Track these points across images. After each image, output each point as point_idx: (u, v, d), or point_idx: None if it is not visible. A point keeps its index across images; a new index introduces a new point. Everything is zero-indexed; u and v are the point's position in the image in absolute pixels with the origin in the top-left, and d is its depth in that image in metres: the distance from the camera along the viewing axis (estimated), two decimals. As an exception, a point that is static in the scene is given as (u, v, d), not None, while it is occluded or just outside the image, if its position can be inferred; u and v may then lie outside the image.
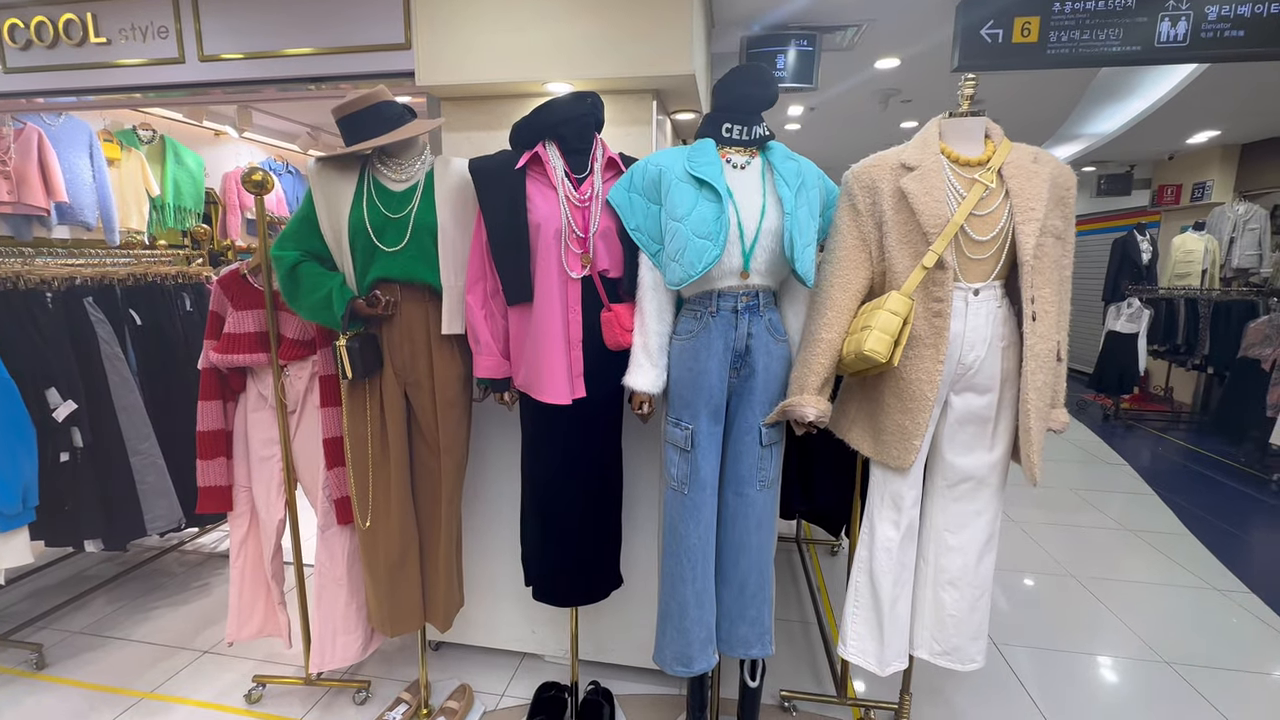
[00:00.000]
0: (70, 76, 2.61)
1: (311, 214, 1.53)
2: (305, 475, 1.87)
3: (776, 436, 1.51)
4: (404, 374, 1.60)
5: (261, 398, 1.85)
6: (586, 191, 1.46)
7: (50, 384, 2.13)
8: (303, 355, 1.78)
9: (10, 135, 3.47)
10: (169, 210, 4.38)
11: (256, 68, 2.47)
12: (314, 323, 1.61)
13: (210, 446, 1.82)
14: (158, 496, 2.44)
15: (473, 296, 1.52)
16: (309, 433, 1.83)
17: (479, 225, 1.52)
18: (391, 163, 1.54)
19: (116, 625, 2.41)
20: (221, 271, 1.83)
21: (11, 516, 2.04)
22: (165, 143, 4.37)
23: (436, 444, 1.66)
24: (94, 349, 2.28)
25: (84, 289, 2.28)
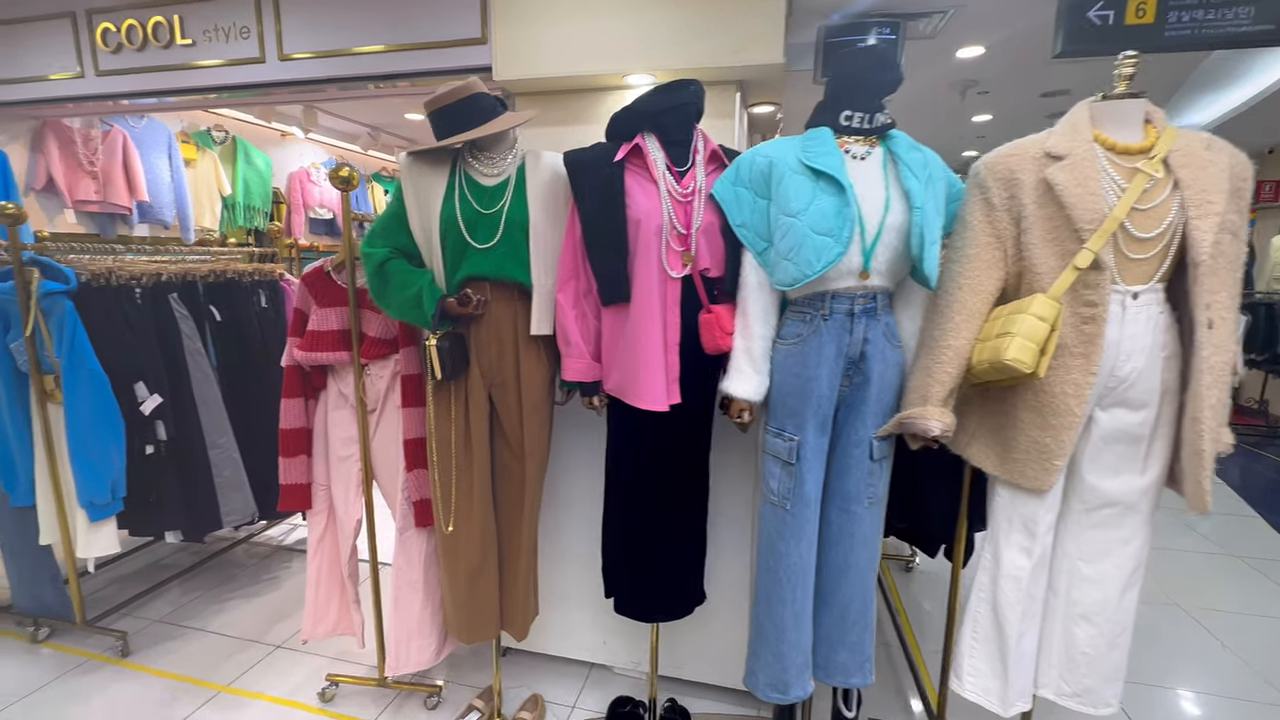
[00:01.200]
0: (156, 78, 2.68)
1: (401, 210, 1.49)
2: (383, 476, 1.85)
3: (887, 450, 1.39)
4: (490, 375, 1.55)
5: (342, 396, 1.84)
6: (689, 185, 1.37)
7: (138, 378, 2.18)
8: (384, 354, 1.75)
9: (98, 137, 3.61)
10: (239, 209, 4.51)
11: (332, 66, 2.48)
12: (402, 321, 1.58)
13: (292, 444, 1.82)
14: (233, 490, 2.48)
15: (564, 296, 1.46)
16: (388, 433, 1.80)
17: (572, 221, 1.45)
18: (483, 157, 1.49)
19: (193, 615, 2.46)
20: (306, 268, 1.82)
21: (101, 506, 2.09)
22: (236, 143, 4.50)
23: (520, 448, 1.60)
24: (178, 344, 2.33)
25: (169, 285, 2.33)
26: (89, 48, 2.74)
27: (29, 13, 2.81)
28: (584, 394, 1.52)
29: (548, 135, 2.18)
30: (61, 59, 2.80)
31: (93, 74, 2.76)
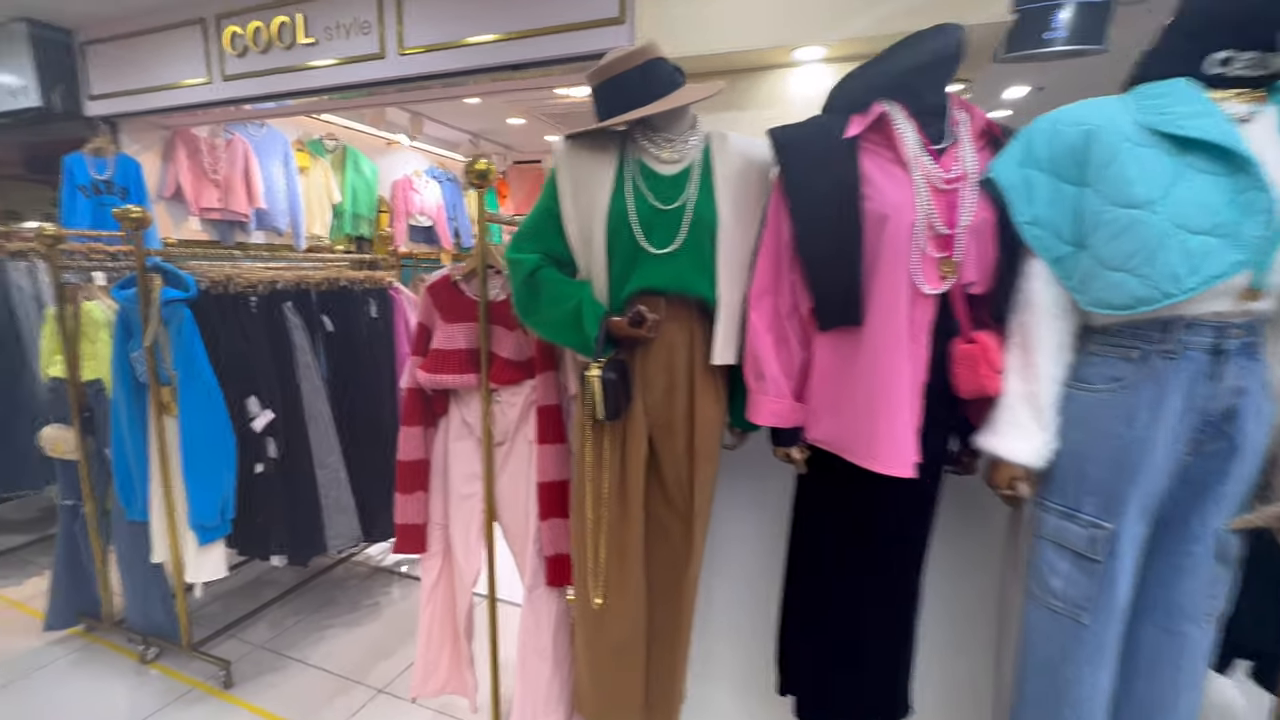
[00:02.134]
0: (278, 80, 2.62)
1: (555, 206, 1.22)
2: (509, 521, 1.58)
3: (1243, 548, 0.96)
4: (655, 414, 1.24)
5: (466, 426, 1.59)
6: (953, 169, 1.01)
7: (251, 392, 2.04)
8: (517, 379, 1.48)
9: (222, 146, 3.68)
10: (347, 216, 4.54)
11: (452, 58, 2.29)
12: (549, 342, 1.30)
13: (411, 479, 1.58)
14: (339, 513, 2.32)
15: (758, 315, 1.13)
16: (518, 471, 1.53)
17: (776, 219, 1.12)
18: (659, 139, 1.19)
19: (295, 644, 2.31)
20: (430, 278, 1.59)
21: (210, 529, 1.96)
22: (346, 152, 4.53)
23: (684, 504, 1.28)
24: (290, 356, 2.19)
25: (284, 293, 2.20)
26: (216, 53, 2.72)
27: (162, 22, 2.85)
28: (777, 443, 1.17)
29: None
30: (191, 66, 2.81)
31: (220, 79, 2.74)
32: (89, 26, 3.02)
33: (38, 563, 2.88)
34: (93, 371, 2.10)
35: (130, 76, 2.99)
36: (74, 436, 2.11)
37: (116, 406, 2.01)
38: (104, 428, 2.11)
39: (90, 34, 3.06)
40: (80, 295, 2.08)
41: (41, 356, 2.18)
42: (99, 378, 2.09)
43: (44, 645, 2.26)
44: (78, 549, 2.27)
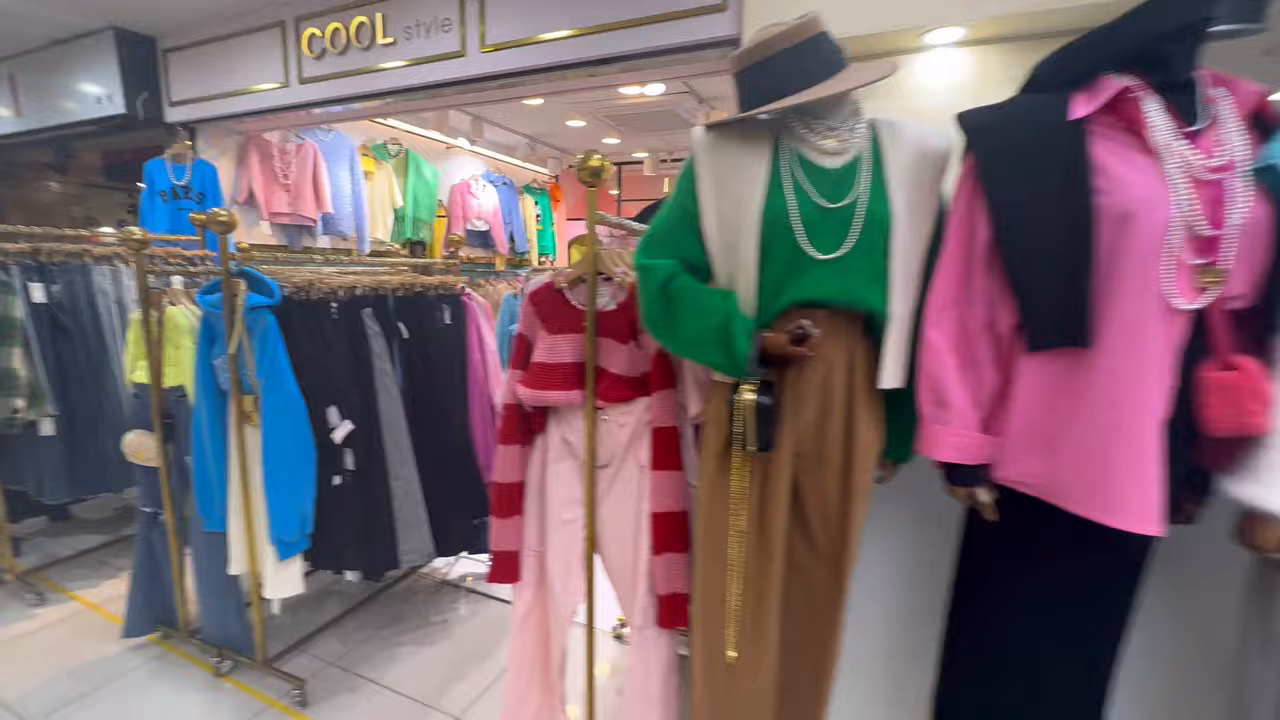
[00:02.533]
0: (355, 82, 2.58)
1: (692, 206, 1.08)
2: (612, 552, 1.44)
3: None
4: (803, 441, 1.08)
5: (566, 445, 1.46)
6: (1218, 155, 0.82)
7: (331, 401, 1.97)
8: (628, 397, 1.35)
9: (292, 150, 3.69)
10: (408, 221, 4.53)
11: (538, 54, 2.19)
12: (694, 361, 1.15)
13: (508, 502, 1.46)
14: (413, 527, 2.24)
15: (939, 332, 0.96)
16: (624, 498, 1.40)
17: (964, 218, 0.95)
18: (820, 126, 1.03)
19: (367, 661, 2.23)
20: (532, 283, 1.47)
21: (289, 544, 1.89)
22: (408, 156, 4.52)
23: (828, 544, 1.12)
24: (368, 364, 2.12)
25: (362, 300, 2.13)
26: (294, 55, 2.70)
27: (242, 27, 2.85)
28: (955, 481, 1.00)
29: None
30: (268, 70, 2.81)
31: (296, 82, 2.72)
32: (171, 34, 3.06)
33: (113, 564, 2.90)
34: (175, 378, 2.06)
35: (209, 82, 3.01)
36: (155, 443, 2.08)
37: (198, 414, 1.96)
38: (185, 435, 2.07)
39: (172, 41, 3.10)
40: (164, 300, 2.05)
41: (125, 362, 2.16)
42: (181, 384, 2.06)
43: (121, 652, 2.24)
44: (156, 556, 2.24)
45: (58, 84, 3.38)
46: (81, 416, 2.60)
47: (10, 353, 2.35)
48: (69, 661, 2.17)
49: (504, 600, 2.64)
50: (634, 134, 5.02)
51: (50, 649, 2.25)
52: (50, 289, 2.52)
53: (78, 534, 3.21)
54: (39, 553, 2.99)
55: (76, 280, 2.61)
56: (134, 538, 3.13)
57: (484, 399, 2.61)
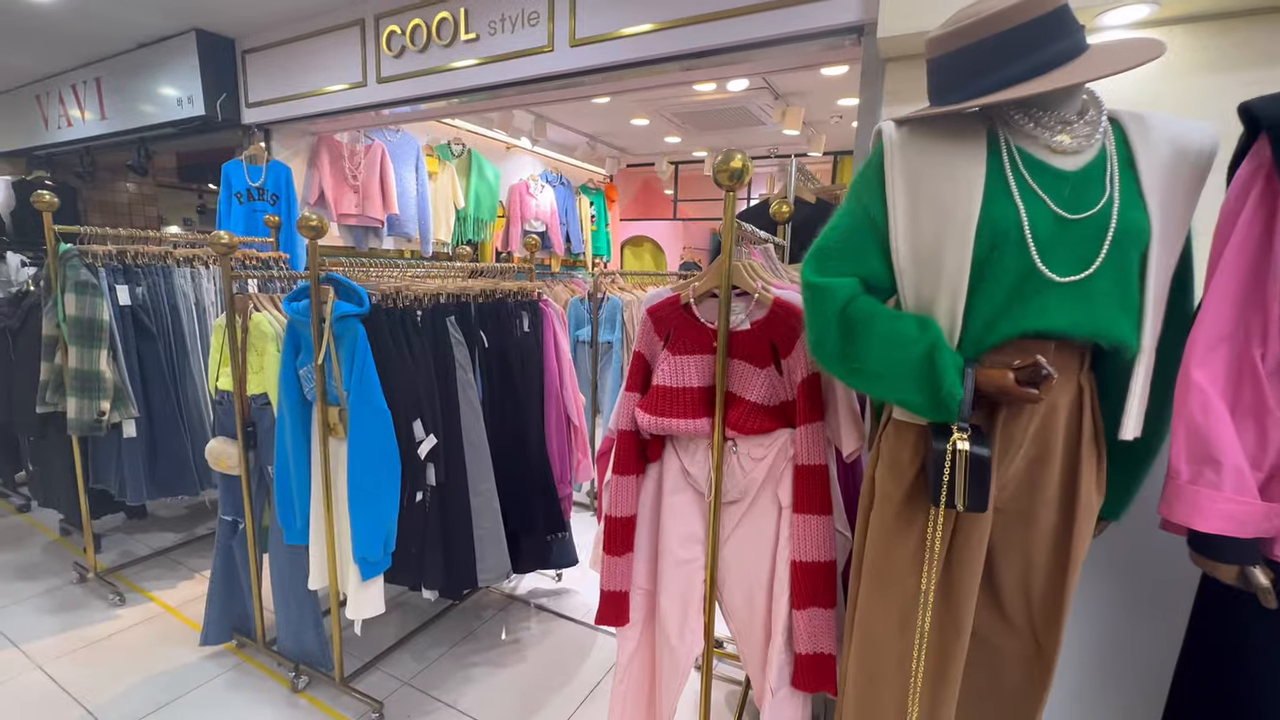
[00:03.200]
0: (434, 81, 2.50)
1: (879, 214, 0.91)
2: (738, 600, 1.29)
3: None
4: (1009, 495, 0.91)
5: (687, 476, 1.32)
6: None
7: (417, 414, 1.88)
8: (766, 428, 1.20)
9: (361, 151, 3.67)
10: (469, 221, 4.48)
11: (632, 47, 2.06)
12: (881, 399, 0.99)
13: (622, 538, 1.33)
14: (492, 545, 2.14)
15: (1207, 372, 0.78)
16: (756, 540, 1.25)
17: (1247, 231, 0.77)
18: (1049, 119, 0.86)
19: (441, 683, 2.15)
20: (650, 296, 1.33)
21: (373, 563, 1.81)
22: (471, 156, 4.47)
23: (1029, 617, 0.95)
24: (451, 374, 2.03)
25: (447, 307, 2.04)
26: (373, 54, 2.64)
27: (321, 26, 2.81)
28: (1219, 556, 0.81)
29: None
30: (346, 70, 2.76)
31: (374, 81, 2.66)
32: (251, 34, 3.06)
33: (187, 565, 2.91)
34: (259, 386, 2.01)
35: (286, 83, 2.99)
36: (237, 452, 2.03)
37: (281, 424, 1.90)
38: (267, 444, 2.02)
39: (251, 42, 3.09)
40: (249, 306, 2.00)
41: (210, 368, 2.12)
42: (265, 392, 2.01)
43: (199, 660, 2.22)
44: (234, 565, 2.20)
45: (141, 87, 3.43)
46: (162, 419, 2.60)
47: (98, 355, 2.35)
48: (149, 668, 2.16)
49: (575, 620, 2.53)
50: (698, 132, 4.86)
51: (131, 653, 2.24)
52: (135, 291, 2.53)
53: (153, 531, 3.25)
54: (117, 550, 3.03)
55: (159, 282, 2.61)
56: (207, 538, 3.16)
57: (559, 410, 2.50)
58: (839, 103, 3.88)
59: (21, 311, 2.76)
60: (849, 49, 1.79)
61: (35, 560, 2.91)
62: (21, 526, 3.27)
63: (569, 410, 2.54)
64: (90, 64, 3.64)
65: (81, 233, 2.47)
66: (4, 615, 2.45)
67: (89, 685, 2.06)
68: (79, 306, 2.31)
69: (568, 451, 2.57)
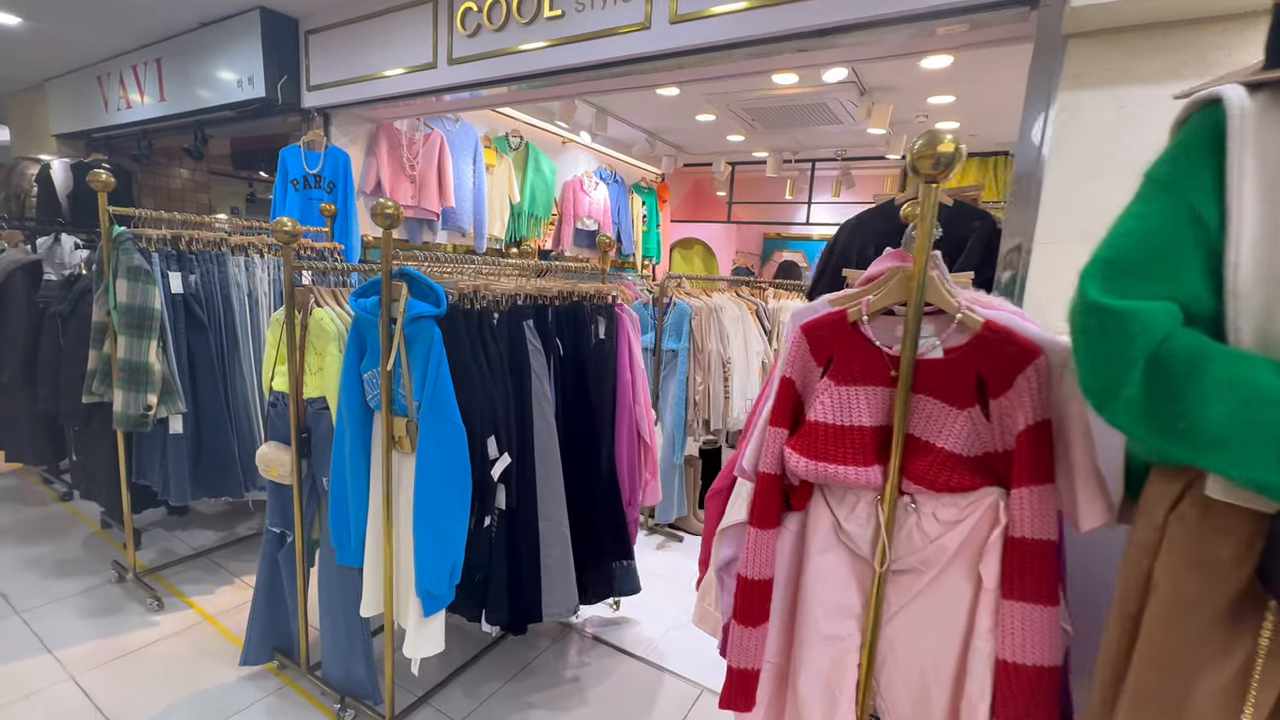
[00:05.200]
0: (511, 62, 2.31)
1: (1209, 211, 0.66)
2: (905, 699, 1.04)
3: None
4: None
5: (842, 534, 1.07)
6: None
7: (492, 431, 1.67)
8: (966, 485, 0.94)
9: (420, 141, 3.51)
10: (524, 217, 4.30)
11: (742, 24, 1.82)
12: (1214, 472, 0.72)
13: (759, 605, 1.09)
14: (560, 576, 1.92)
15: None
16: (936, 622, 0.99)
17: None
18: None
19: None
20: (804, 311, 1.08)
21: (437, 598, 1.60)
22: (529, 150, 4.29)
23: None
24: (525, 386, 1.82)
25: (525, 310, 1.83)
26: (446, 33, 2.46)
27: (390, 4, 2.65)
28: None
29: (1122, 101, 1.26)
30: (415, 50, 2.59)
31: (445, 63, 2.48)
32: (315, 14, 2.92)
33: (227, 568, 2.77)
34: (316, 388, 1.83)
35: (350, 65, 2.84)
36: (290, 459, 1.85)
37: (340, 432, 1.71)
38: (322, 453, 1.84)
39: (315, 21, 2.95)
40: (310, 301, 1.82)
41: (264, 366, 1.95)
42: (323, 396, 1.82)
43: (238, 680, 2.05)
44: (279, 580, 2.03)
45: (201, 68, 3.33)
46: (209, 415, 2.45)
47: (148, 346, 2.21)
48: (185, 686, 1.99)
49: (639, 658, 2.30)
50: (764, 131, 4.60)
51: (168, 667, 2.08)
52: (188, 279, 2.39)
53: (194, 529, 3.13)
54: (157, 547, 2.91)
55: (212, 270, 2.47)
56: (249, 540, 3.02)
57: (631, 425, 2.27)
58: (929, 100, 3.58)
59: (72, 296, 2.66)
60: (1012, 25, 1.52)
61: (75, 555, 2.80)
62: (63, 516, 3.19)
63: (640, 426, 2.32)
64: (152, 44, 3.56)
65: (136, 215, 2.34)
66: (41, 616, 2.33)
67: (122, 702, 1.91)
68: (131, 293, 2.17)
69: (638, 471, 2.34)
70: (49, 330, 2.79)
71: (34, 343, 2.88)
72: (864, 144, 4.86)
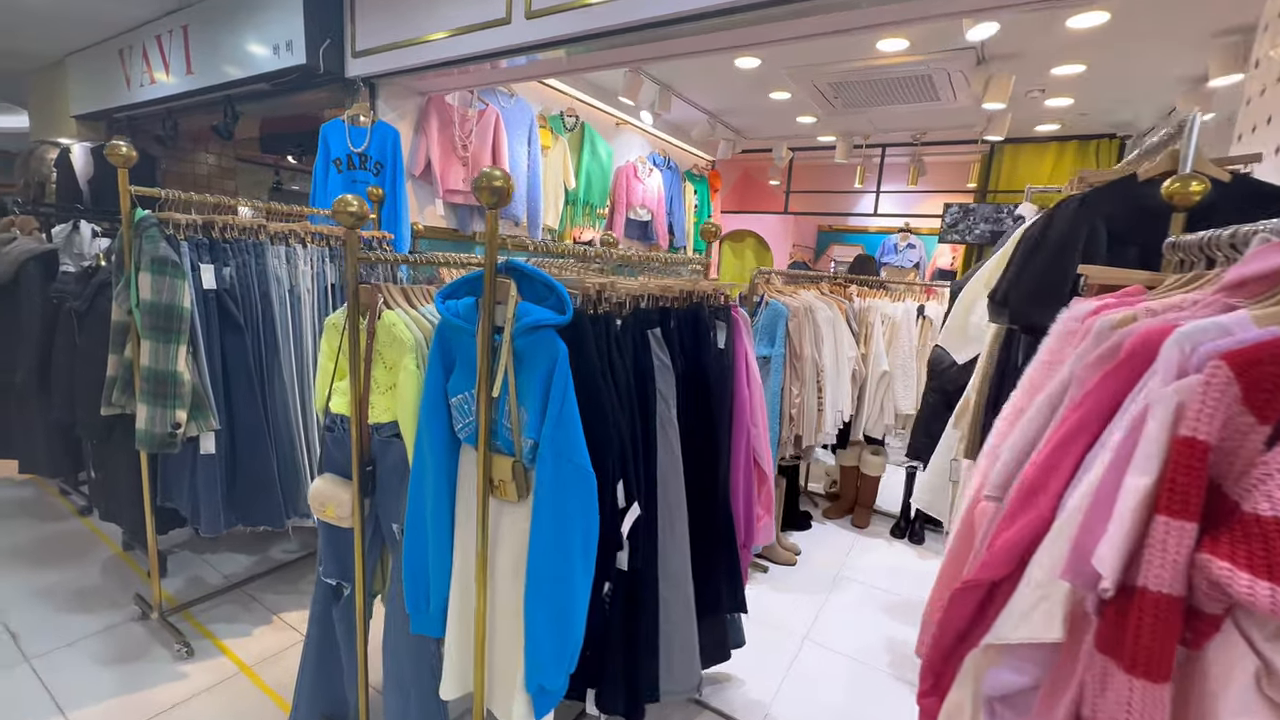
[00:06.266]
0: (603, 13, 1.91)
1: None
2: None
3: None
4: None
5: (1270, 686, 0.65)
6: None
7: (620, 474, 1.29)
8: None
9: (474, 118, 3.13)
10: (578, 205, 3.91)
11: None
12: None
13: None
14: (680, 645, 1.54)
15: None
16: None
17: None
18: None
19: (603, 829, 1.56)
20: (1211, 330, 0.68)
21: (552, 693, 1.23)
22: (584, 131, 3.90)
23: None
24: (652, 411, 1.43)
25: (650, 314, 1.44)
26: (524, -20, 2.07)
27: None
28: None
29: None
30: (484, 4, 2.21)
31: (522, 17, 2.09)
32: (363, -34, 2.54)
33: (262, 602, 2.43)
34: (386, 412, 1.46)
35: (403, 24, 2.46)
36: (351, 498, 1.49)
37: (420, 470, 1.34)
38: (390, 489, 1.47)
39: (363, -24, 2.58)
40: (379, 300, 1.45)
41: (317, 381, 1.58)
42: (394, 420, 1.45)
43: (283, 756, 1.70)
44: (332, 637, 1.67)
45: (232, 35, 2.98)
46: (245, 432, 2.10)
47: (176, 352, 1.85)
48: (223, 766, 1.65)
49: (756, 731, 1.92)
50: (841, 111, 4.17)
51: (201, 738, 1.74)
52: (222, 272, 2.03)
53: (223, 551, 2.79)
54: (184, 575, 2.58)
55: (249, 262, 2.11)
56: (287, 567, 2.65)
57: (748, 452, 1.88)
58: (1052, 72, 3.12)
59: (89, 290, 2.31)
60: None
61: (93, 582, 2.48)
62: (82, 535, 2.87)
63: (759, 453, 1.93)
64: (177, 10, 3.22)
65: (162, 196, 1.99)
66: (53, 664, 2.00)
67: (148, 792, 1.56)
68: (156, 289, 1.82)
69: (753, 506, 1.95)
70: (64, 329, 2.46)
71: (48, 343, 2.55)
72: (948, 126, 4.40)
